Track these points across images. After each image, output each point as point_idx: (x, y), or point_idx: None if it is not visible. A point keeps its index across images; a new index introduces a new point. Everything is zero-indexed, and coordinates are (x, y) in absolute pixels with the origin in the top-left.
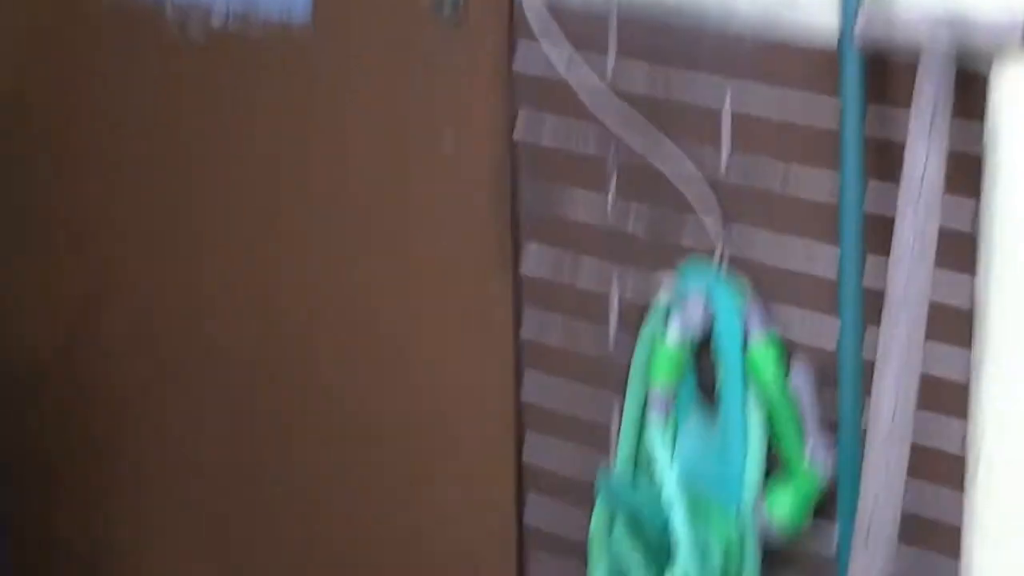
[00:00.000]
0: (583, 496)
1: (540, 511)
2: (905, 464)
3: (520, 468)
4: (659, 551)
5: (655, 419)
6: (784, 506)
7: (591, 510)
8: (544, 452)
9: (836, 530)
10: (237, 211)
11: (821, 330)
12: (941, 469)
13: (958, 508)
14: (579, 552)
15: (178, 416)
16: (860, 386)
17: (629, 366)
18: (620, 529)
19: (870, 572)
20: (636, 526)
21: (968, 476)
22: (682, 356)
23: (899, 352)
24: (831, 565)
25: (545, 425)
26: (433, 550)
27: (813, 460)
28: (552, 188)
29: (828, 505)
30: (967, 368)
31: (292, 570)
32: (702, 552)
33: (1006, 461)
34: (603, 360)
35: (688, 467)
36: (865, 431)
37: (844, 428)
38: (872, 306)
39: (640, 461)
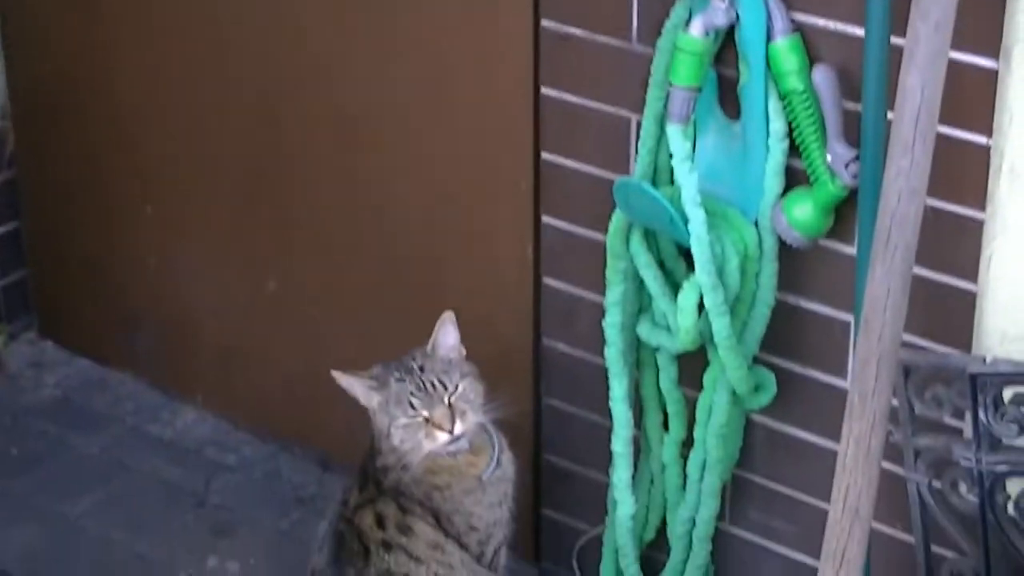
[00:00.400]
0: (600, 205)
1: (555, 227)
2: (929, 164)
3: (537, 161)
4: (675, 263)
5: (675, 120)
6: (804, 212)
7: (608, 222)
8: (562, 146)
9: (856, 236)
10: None
11: (846, 36)
12: (963, 177)
13: (979, 218)
14: (595, 266)
15: (201, 118)
16: (885, 87)
17: (651, 64)
18: (636, 240)
19: (890, 277)
20: (653, 237)
21: (990, 182)
22: (704, 51)
23: (926, 43)
24: (850, 273)
25: (564, 120)
26: (448, 235)
27: (834, 165)
28: None
29: (849, 212)
30: (994, 64)
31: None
32: (720, 262)
33: None
34: (624, 53)
35: (706, 175)
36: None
37: (867, 130)
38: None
39: (658, 173)
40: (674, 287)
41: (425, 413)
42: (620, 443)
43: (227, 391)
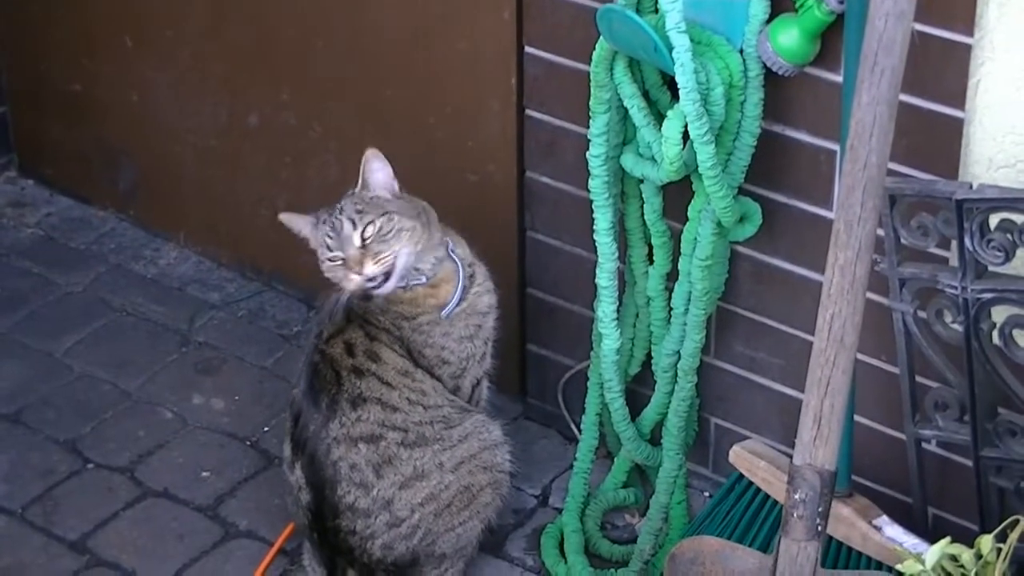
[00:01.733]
0: (584, 34)
1: (539, 57)
2: None
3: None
4: (660, 93)
5: None
6: (790, 39)
7: (592, 52)
8: None
9: (843, 63)
10: None
11: None
12: (953, 6)
13: (967, 43)
14: (579, 96)
15: None
16: None
17: None
18: (621, 70)
19: (876, 103)
20: (637, 66)
21: (979, 5)
22: None
23: None
24: (836, 100)
25: None
26: (430, 67)
27: None
28: None
29: (835, 38)
30: None
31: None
32: (704, 90)
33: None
34: None
35: (691, 1)
36: None
37: None
38: None
39: (642, 0)
40: (658, 117)
41: (340, 254)
42: (605, 276)
43: (210, 228)
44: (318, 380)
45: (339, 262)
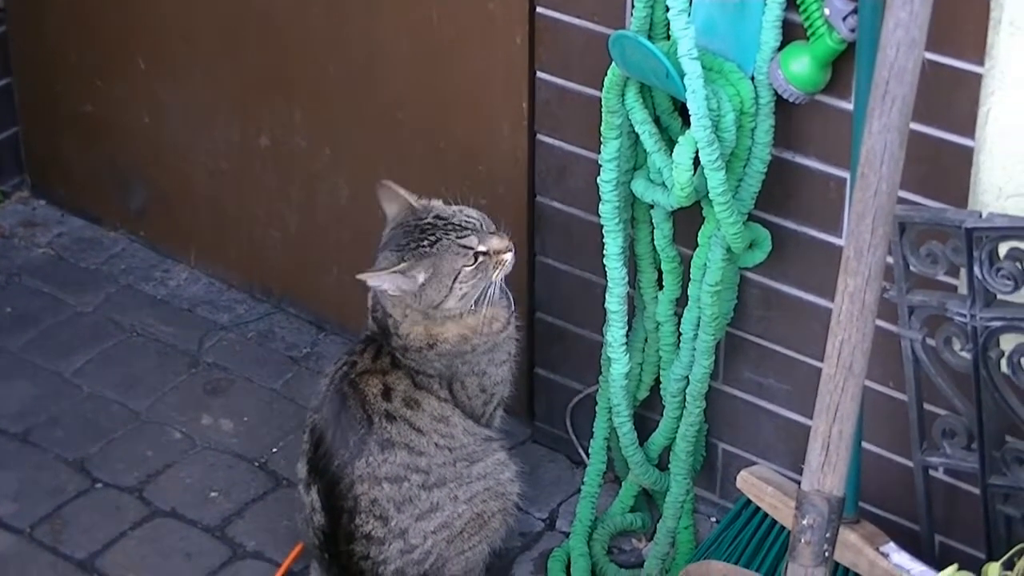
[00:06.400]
0: (595, 60)
1: (550, 82)
2: (928, 15)
3: (533, 15)
4: (671, 119)
5: None
6: (801, 66)
7: (603, 77)
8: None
9: (853, 91)
10: None
11: None
12: (962, 30)
13: (977, 72)
14: (590, 122)
15: None
16: None
17: None
18: (632, 95)
19: (887, 131)
20: (648, 92)
21: (990, 35)
22: None
23: None
24: (847, 128)
25: None
26: (442, 91)
27: (832, 18)
28: None
29: (846, 66)
30: None
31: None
32: (715, 117)
33: None
34: None
35: (703, 28)
36: None
37: None
38: None
39: (655, 26)
40: (669, 143)
41: (483, 248)
42: (614, 301)
43: (220, 250)
44: (346, 415)
45: (484, 259)
